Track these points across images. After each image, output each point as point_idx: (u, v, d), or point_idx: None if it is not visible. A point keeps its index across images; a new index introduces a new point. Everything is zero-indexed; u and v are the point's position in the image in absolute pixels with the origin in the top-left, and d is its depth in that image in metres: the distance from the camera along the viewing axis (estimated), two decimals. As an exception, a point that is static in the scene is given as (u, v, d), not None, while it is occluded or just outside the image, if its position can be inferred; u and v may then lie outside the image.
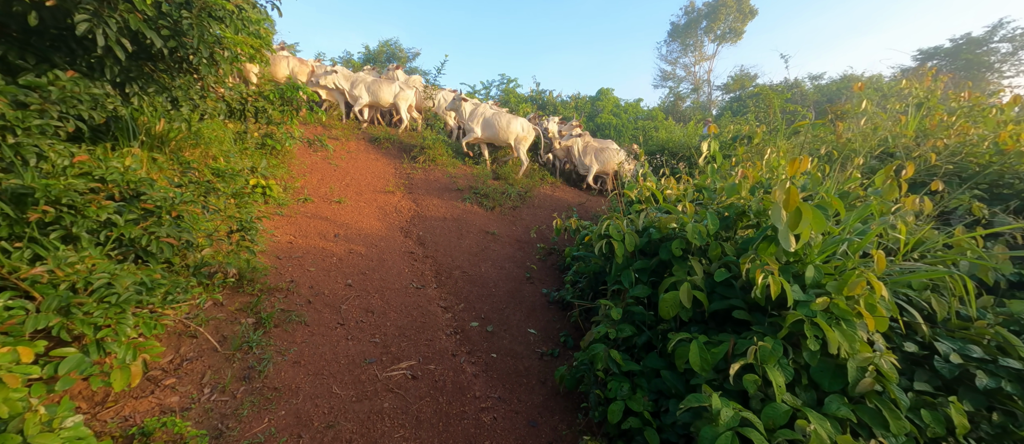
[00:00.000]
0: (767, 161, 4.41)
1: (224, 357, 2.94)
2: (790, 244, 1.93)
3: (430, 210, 6.86)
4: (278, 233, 5.07)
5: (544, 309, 4.34)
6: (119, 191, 2.83)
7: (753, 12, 28.60)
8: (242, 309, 3.47)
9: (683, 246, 2.53)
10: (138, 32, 2.82)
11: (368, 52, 22.66)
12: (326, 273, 4.49)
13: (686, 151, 5.50)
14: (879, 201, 2.54)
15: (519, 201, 7.80)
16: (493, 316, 4.26)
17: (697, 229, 2.46)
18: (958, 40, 19.66)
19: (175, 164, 3.60)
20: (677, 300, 2.32)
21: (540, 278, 5.14)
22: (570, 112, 17.04)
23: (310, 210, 5.86)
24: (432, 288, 4.77)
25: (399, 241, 5.75)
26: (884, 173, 2.72)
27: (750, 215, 2.57)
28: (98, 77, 2.99)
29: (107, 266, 2.32)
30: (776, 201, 1.85)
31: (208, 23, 3.09)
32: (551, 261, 5.62)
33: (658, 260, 2.74)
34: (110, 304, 2.29)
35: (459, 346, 3.74)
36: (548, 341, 3.80)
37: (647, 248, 2.93)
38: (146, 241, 2.75)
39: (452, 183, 8.17)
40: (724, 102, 24.08)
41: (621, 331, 2.51)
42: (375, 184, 7.52)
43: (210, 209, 3.20)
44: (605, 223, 2.91)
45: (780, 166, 4.08)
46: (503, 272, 5.24)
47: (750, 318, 2.09)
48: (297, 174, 6.80)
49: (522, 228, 6.86)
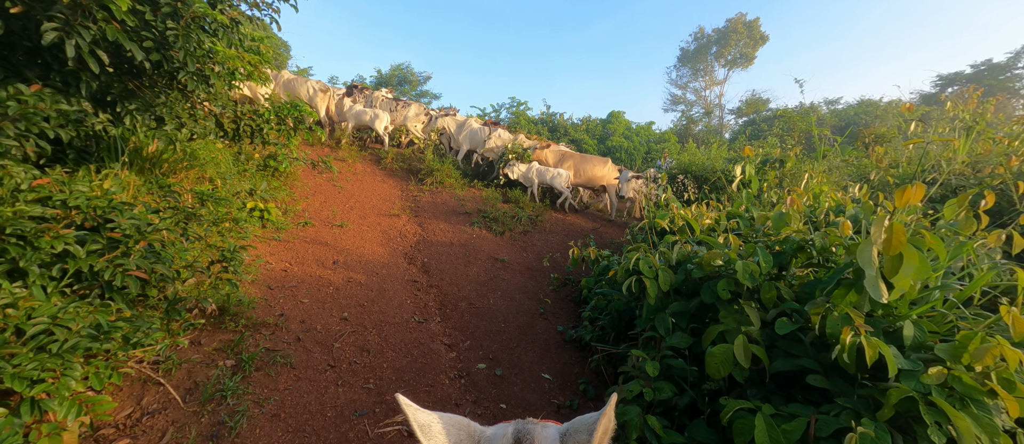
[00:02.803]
0: (806, 187, 4.00)
1: (192, 410, 2.54)
2: (881, 294, 1.51)
3: (436, 235, 6.52)
4: (273, 260, 4.74)
5: (559, 349, 3.88)
6: (84, 218, 2.52)
7: (764, 38, 28.64)
8: (222, 349, 3.09)
9: (731, 287, 2.11)
10: (117, 44, 2.56)
11: (380, 76, 23.00)
12: (320, 305, 4.11)
13: (711, 174, 5.13)
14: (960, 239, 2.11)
15: (530, 226, 7.43)
16: (502, 356, 3.81)
17: (748, 268, 2.04)
18: (979, 66, 19.23)
19: (156, 187, 3.31)
20: (729, 356, 1.89)
21: (554, 312, 4.69)
22: (581, 135, 16.85)
23: (310, 235, 5.56)
24: (436, 322, 4.36)
25: (402, 268, 5.38)
26: (958, 203, 2.29)
27: (811, 252, 2.16)
28: (73, 93, 2.73)
29: (47, 308, 1.98)
30: (871, 240, 1.44)
31: (197, 36, 2.83)
32: (565, 293, 5.18)
33: (699, 303, 2.32)
34: (51, 353, 1.94)
35: (464, 394, 3.30)
36: (565, 389, 3.34)
37: (683, 287, 2.51)
38: (109, 274, 2.41)
39: (460, 206, 7.86)
40: (737, 126, 23.75)
41: (659, 391, 2.07)
42: (380, 207, 7.23)
43: (190, 237, 2.87)
44: (633, 257, 2.51)
45: (823, 193, 3.65)
46: (513, 304, 4.81)
47: (829, 386, 1.64)
48: (299, 196, 6.54)
49: (533, 255, 6.46)
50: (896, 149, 5.33)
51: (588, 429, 0.74)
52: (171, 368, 2.78)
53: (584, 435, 0.74)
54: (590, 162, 9.07)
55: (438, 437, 0.68)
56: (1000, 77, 19.26)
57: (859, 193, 3.55)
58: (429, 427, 0.68)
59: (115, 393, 2.50)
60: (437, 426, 0.69)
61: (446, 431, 0.70)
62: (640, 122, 18.47)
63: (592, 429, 0.73)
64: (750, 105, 23.80)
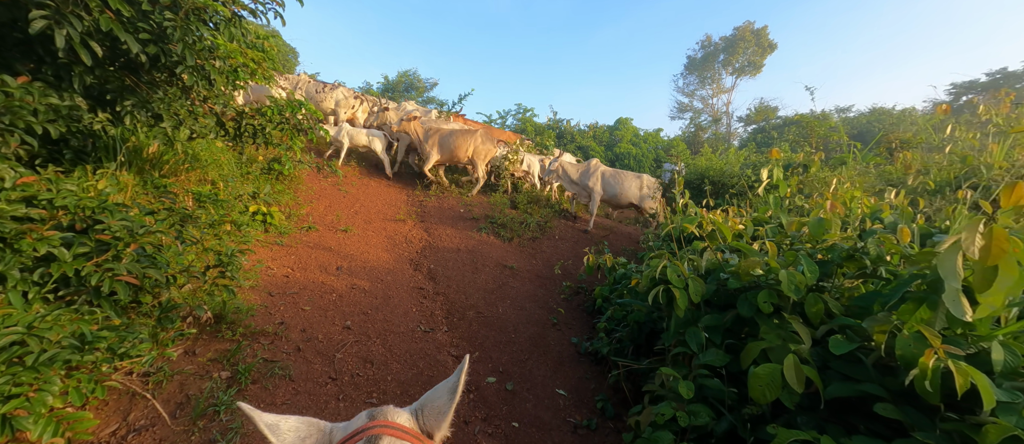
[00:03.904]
0: (834, 192, 3.79)
1: (181, 428, 2.36)
2: (964, 311, 1.30)
3: (443, 241, 6.34)
4: (275, 265, 4.58)
5: (573, 362, 3.66)
6: (73, 219, 2.37)
7: (772, 46, 28.45)
8: (217, 359, 2.91)
9: (773, 299, 1.90)
10: (111, 35, 2.42)
11: (387, 82, 23.06)
12: (323, 313, 3.93)
13: (729, 180, 4.93)
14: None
15: (538, 232, 7.23)
16: (513, 369, 3.60)
17: (793, 278, 1.83)
18: (995, 74, 18.89)
19: (151, 188, 3.16)
20: (777, 377, 1.67)
21: (566, 322, 4.48)
22: (588, 141, 16.69)
23: (313, 239, 5.40)
24: (442, 332, 4.16)
25: (408, 275, 5.20)
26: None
27: (862, 260, 1.94)
28: (66, 87, 2.59)
29: (23, 316, 1.81)
30: (956, 248, 1.24)
31: (197, 28, 2.69)
32: (577, 302, 4.97)
33: (734, 316, 2.10)
34: (25, 366, 1.77)
35: (473, 410, 3.09)
36: (581, 407, 3.12)
37: (715, 298, 2.30)
38: (97, 280, 2.24)
39: (467, 212, 7.68)
40: (746, 133, 23.48)
41: (695, 416, 1.86)
42: (385, 212, 7.07)
43: (186, 240, 2.71)
44: (659, 265, 2.30)
45: (855, 199, 3.43)
46: (523, 314, 4.60)
47: (902, 417, 1.42)
48: (303, 200, 6.41)
49: (542, 262, 6.26)
50: (924, 155, 5.09)
51: (450, 389, 0.79)
52: (162, 380, 2.61)
53: (445, 397, 0.79)
54: (459, 137, 8.27)
55: (287, 435, 0.69)
56: (1016, 85, 18.91)
57: (896, 199, 3.33)
58: (277, 426, 0.70)
59: (100, 408, 2.32)
60: (285, 424, 0.71)
61: (295, 428, 0.71)
62: (648, 129, 18.29)
63: (454, 388, 0.79)
64: (759, 113, 23.55)
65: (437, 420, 0.77)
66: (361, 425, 0.71)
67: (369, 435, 0.69)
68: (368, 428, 0.70)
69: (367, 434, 0.69)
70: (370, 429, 0.70)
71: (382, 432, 0.69)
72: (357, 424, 0.72)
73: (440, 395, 0.80)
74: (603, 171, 8.07)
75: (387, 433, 0.69)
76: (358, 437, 0.69)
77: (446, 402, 0.78)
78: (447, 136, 8.36)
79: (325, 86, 10.10)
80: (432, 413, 0.78)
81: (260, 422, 0.68)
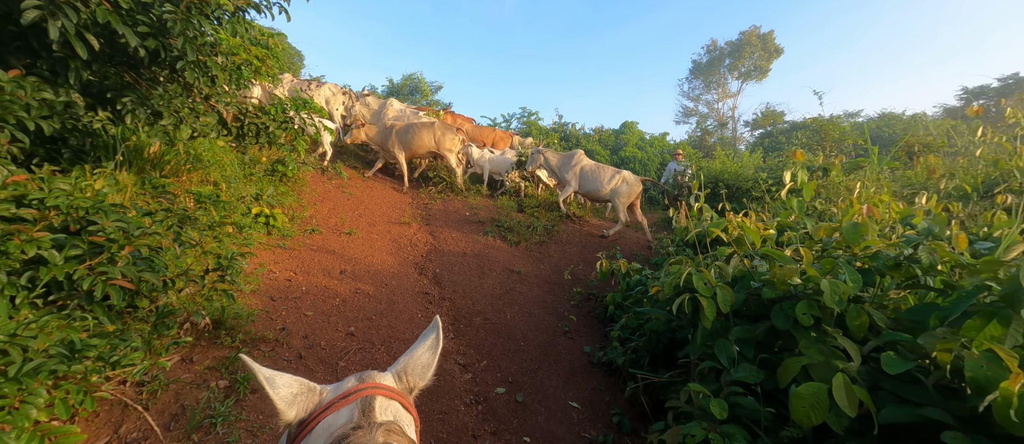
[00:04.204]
0: (860, 196, 3.63)
1: (176, 441, 2.23)
2: (1048, 327, 1.15)
3: (448, 244, 6.21)
4: (277, 268, 4.46)
5: (586, 372, 3.51)
6: (65, 220, 2.25)
7: (779, 50, 28.27)
8: (215, 367, 2.78)
9: (813, 311, 1.75)
10: (109, 28, 2.32)
11: (392, 85, 23.05)
12: (325, 319, 3.81)
13: (744, 183, 4.78)
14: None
15: (545, 236, 7.09)
16: (523, 379, 3.45)
17: (836, 288, 1.68)
18: (1007, 79, 18.61)
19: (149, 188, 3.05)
20: (823, 399, 1.52)
21: (577, 330, 4.32)
22: (594, 145, 16.55)
23: (317, 242, 5.28)
24: (449, 338, 4.02)
25: (413, 279, 5.07)
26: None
27: (911, 269, 1.79)
28: (62, 83, 2.48)
29: (5, 324, 1.69)
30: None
31: (199, 22, 2.59)
32: (588, 308, 4.81)
33: (768, 327, 1.95)
34: (7, 377, 1.64)
35: (482, 423, 2.94)
36: (596, 421, 2.96)
37: (744, 308, 2.15)
38: (89, 284, 2.12)
39: (473, 215, 7.56)
40: (753, 138, 23.27)
41: (729, 438, 1.70)
42: (390, 214, 6.96)
43: (184, 242, 2.59)
44: (684, 272, 2.16)
45: (883, 204, 3.28)
46: (532, 320, 4.46)
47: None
48: (307, 203, 6.30)
49: (550, 266, 6.11)
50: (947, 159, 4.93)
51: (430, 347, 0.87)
52: (157, 390, 2.48)
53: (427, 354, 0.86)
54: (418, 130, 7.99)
55: (282, 389, 0.73)
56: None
57: (928, 204, 3.17)
58: (273, 380, 0.73)
59: (90, 421, 2.20)
60: (280, 380, 0.74)
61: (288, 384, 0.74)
62: (654, 133, 18.12)
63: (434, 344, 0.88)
64: (766, 117, 23.34)
65: (423, 374, 0.84)
66: (351, 387, 0.74)
67: (363, 396, 0.72)
68: (360, 389, 0.73)
69: (359, 395, 0.72)
70: (362, 390, 0.73)
71: (375, 392, 0.73)
72: (347, 386, 0.75)
73: (421, 354, 0.86)
74: (584, 165, 7.97)
75: (379, 393, 0.73)
76: (350, 398, 0.72)
77: (430, 357, 0.86)
78: (405, 131, 8.11)
79: (310, 84, 9.54)
80: (416, 371, 0.84)
81: (259, 374, 0.71)
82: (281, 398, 0.71)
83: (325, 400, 0.74)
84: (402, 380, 0.83)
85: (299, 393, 0.74)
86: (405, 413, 0.76)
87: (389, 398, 0.74)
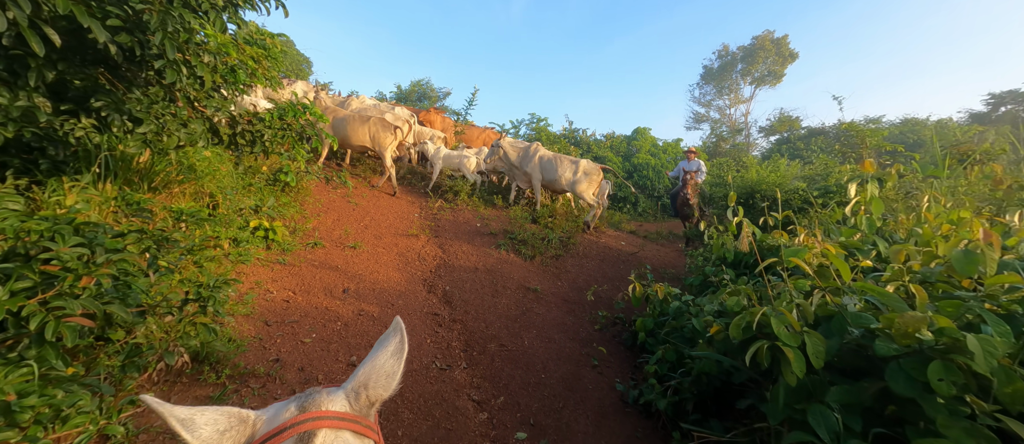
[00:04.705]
0: (928, 211, 3.19)
1: (136, 513, 1.85)
2: None
3: (459, 258, 5.83)
4: (274, 287, 4.11)
5: (619, 414, 3.08)
6: (15, 245, 1.91)
7: (793, 55, 27.69)
8: (195, 411, 2.41)
9: (955, 376, 1.33)
10: (76, 21, 1.98)
11: (400, 91, 22.92)
12: (325, 346, 3.43)
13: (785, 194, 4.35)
14: None
15: (561, 249, 6.68)
16: (547, 421, 3.03)
17: (992, 348, 1.26)
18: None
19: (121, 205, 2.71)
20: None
21: (605, 360, 3.89)
22: (605, 151, 16.13)
23: (319, 257, 4.93)
24: (461, 368, 3.62)
25: (421, 298, 4.68)
26: None
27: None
28: (22, 85, 2.15)
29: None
30: None
31: (181, 15, 2.25)
32: (613, 333, 4.38)
33: (880, 388, 1.53)
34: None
35: (502, 478, 2.53)
36: (636, 478, 2.53)
37: (837, 361, 1.73)
38: (37, 322, 1.77)
39: (484, 226, 7.18)
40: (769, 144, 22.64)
41: None
42: (397, 226, 6.60)
43: (159, 269, 2.23)
44: (756, 313, 1.74)
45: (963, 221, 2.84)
46: (553, 347, 4.04)
47: None
48: (310, 214, 5.97)
49: (568, 283, 5.69)
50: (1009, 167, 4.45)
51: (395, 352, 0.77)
52: (126, 440, 2.11)
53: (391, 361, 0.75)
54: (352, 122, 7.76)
55: (204, 429, 0.60)
56: (1059, 95, 17.87)
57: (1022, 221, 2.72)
58: (192, 421, 0.59)
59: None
60: (202, 418, 0.61)
61: (214, 421, 0.61)
62: (667, 139, 17.65)
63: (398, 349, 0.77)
64: (782, 123, 22.72)
65: (387, 384, 0.73)
66: (288, 419, 0.63)
67: (302, 431, 0.61)
68: (298, 422, 0.62)
69: (296, 430, 0.61)
70: (300, 423, 0.62)
71: (316, 426, 0.62)
72: (284, 418, 0.63)
73: (384, 362, 0.76)
74: (542, 155, 8.00)
75: (323, 425, 0.62)
76: (285, 435, 0.60)
77: (395, 364, 0.76)
78: (341, 120, 7.91)
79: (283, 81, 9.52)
80: (378, 382, 0.73)
81: (171, 418, 0.58)
82: (204, 442, 0.59)
83: (257, 434, 0.63)
84: (360, 397, 0.71)
85: (228, 429, 0.62)
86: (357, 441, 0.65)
87: (336, 428, 0.63)
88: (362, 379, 0.72)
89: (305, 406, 0.65)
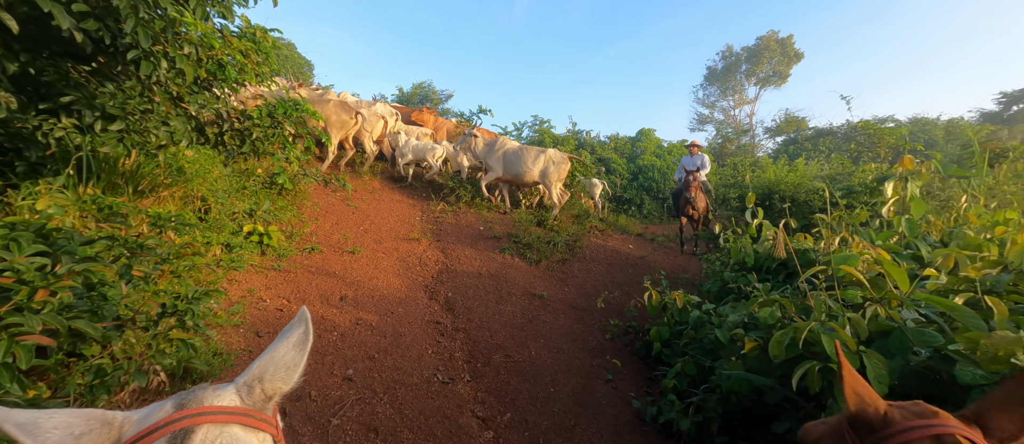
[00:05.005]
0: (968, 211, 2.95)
1: None
2: None
3: (461, 263, 5.61)
4: (268, 295, 3.90)
5: (636, 434, 2.84)
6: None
7: (799, 55, 27.41)
8: (173, 434, 2.21)
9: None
10: (34, 8, 1.79)
11: (402, 94, 22.78)
12: (319, 359, 3.22)
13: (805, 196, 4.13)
14: None
15: (568, 253, 6.45)
16: (557, 441, 2.80)
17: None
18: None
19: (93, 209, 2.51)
20: None
21: (617, 371, 3.66)
22: (609, 153, 15.91)
23: (316, 263, 4.73)
24: (464, 381, 3.39)
25: (422, 305, 4.47)
26: None
27: None
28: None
29: None
30: None
31: (156, 2, 2.05)
32: (625, 342, 4.15)
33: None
34: None
35: (509, 508, 2.30)
36: (658, 508, 2.29)
37: (900, 387, 1.49)
38: (-14, 342, 1.56)
39: (488, 230, 6.96)
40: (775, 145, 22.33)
41: None
42: (397, 230, 6.40)
43: (132, 280, 2.03)
44: (803, 328, 1.51)
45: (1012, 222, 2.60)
46: (561, 358, 3.81)
47: None
48: (308, 218, 5.77)
49: (575, 288, 5.46)
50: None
51: (297, 343, 0.71)
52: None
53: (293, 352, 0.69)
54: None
55: (52, 434, 0.51)
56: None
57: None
58: (35, 425, 0.51)
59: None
60: (49, 422, 0.52)
61: (66, 425, 0.52)
62: (672, 140, 17.40)
63: (302, 339, 0.72)
64: (788, 123, 22.42)
65: (287, 377, 0.67)
66: (164, 417, 0.56)
67: (177, 429, 0.54)
68: (173, 420, 0.55)
69: (170, 428, 0.54)
70: (177, 421, 0.55)
71: (195, 423, 0.56)
72: (159, 415, 0.56)
73: (285, 353, 0.69)
74: (508, 148, 7.74)
75: (205, 421, 0.56)
76: (157, 434, 0.54)
77: (297, 355, 0.70)
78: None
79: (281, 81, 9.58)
80: (277, 374, 0.66)
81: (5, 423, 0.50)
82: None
83: (125, 435, 0.55)
84: (254, 391, 0.64)
85: (85, 433, 0.53)
86: (249, 435, 0.59)
87: (222, 423, 0.57)
88: (257, 372, 0.66)
89: (183, 403, 0.58)
